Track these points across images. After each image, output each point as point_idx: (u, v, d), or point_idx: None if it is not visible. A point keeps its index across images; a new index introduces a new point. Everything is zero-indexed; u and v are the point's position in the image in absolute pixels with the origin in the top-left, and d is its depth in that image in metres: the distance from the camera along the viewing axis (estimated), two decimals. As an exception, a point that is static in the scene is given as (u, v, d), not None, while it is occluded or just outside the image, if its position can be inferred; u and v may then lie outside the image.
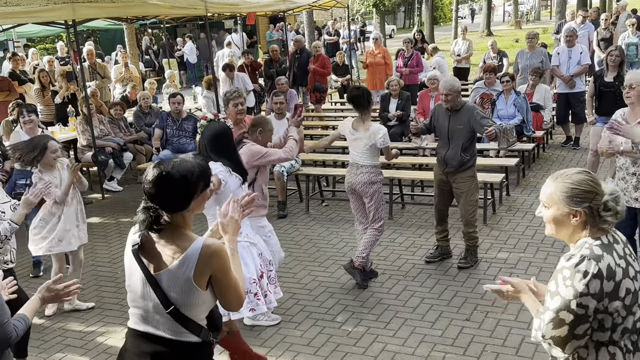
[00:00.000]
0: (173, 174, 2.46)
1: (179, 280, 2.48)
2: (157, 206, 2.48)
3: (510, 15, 44.74)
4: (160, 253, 2.52)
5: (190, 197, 2.51)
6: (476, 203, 5.91)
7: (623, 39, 12.37)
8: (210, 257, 2.47)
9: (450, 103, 5.69)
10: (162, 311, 2.52)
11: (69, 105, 10.46)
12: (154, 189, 2.47)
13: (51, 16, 7.88)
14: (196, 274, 2.47)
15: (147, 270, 2.52)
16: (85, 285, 6.22)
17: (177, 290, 2.49)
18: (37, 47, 22.20)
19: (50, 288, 2.95)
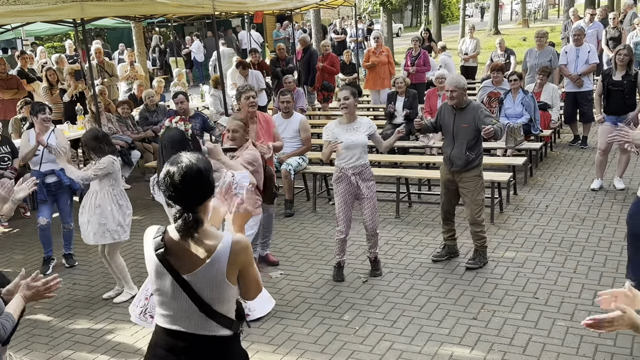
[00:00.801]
0: (197, 167, 2.52)
1: (211, 279, 2.53)
2: (184, 204, 2.50)
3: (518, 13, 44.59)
4: (189, 254, 2.55)
5: (209, 192, 2.58)
6: (482, 202, 5.90)
7: (631, 38, 12.32)
8: (240, 253, 2.55)
9: (455, 100, 5.69)
10: (195, 311, 2.56)
11: (78, 103, 10.49)
12: (182, 185, 2.49)
13: (60, 15, 7.89)
14: (228, 270, 2.54)
15: (177, 273, 2.55)
16: (94, 283, 6.26)
17: (210, 289, 2.54)
18: (45, 46, 22.30)
19: (29, 285, 2.92)
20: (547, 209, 7.34)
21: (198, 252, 2.53)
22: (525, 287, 5.44)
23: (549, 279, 5.57)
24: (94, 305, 5.75)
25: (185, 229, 2.51)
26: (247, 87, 6.14)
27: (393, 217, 7.45)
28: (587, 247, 6.17)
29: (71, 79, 10.90)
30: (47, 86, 10.77)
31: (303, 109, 10.80)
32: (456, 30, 32.54)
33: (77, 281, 6.32)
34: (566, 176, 8.55)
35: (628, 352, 4.35)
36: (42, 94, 10.89)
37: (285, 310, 5.34)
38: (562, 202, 7.52)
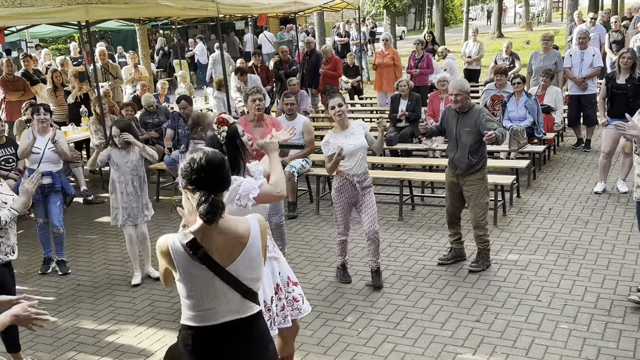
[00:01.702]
0: (215, 155, 2.63)
1: (252, 260, 2.67)
2: (209, 187, 2.55)
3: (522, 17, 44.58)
4: (223, 246, 2.61)
5: (230, 177, 2.70)
6: (486, 206, 5.90)
7: (635, 42, 12.32)
8: (265, 228, 2.76)
9: (459, 104, 5.70)
10: (237, 298, 2.66)
11: (82, 105, 10.53)
12: (208, 168, 2.57)
13: (64, 17, 7.94)
14: (262, 248, 2.72)
15: (221, 269, 2.61)
16: (98, 284, 6.28)
17: (252, 270, 2.68)
18: (49, 48, 22.36)
19: (25, 308, 2.82)
20: (550, 211, 7.35)
21: (232, 240, 2.63)
22: (528, 289, 5.45)
23: (552, 281, 5.57)
24: (98, 306, 5.77)
25: (211, 212, 2.53)
26: (255, 89, 6.04)
27: (396, 220, 7.46)
28: (590, 250, 6.17)
29: (75, 81, 10.94)
30: (52, 88, 10.81)
31: (307, 112, 10.81)
32: (460, 34, 32.57)
33: (81, 282, 6.35)
34: (569, 179, 8.55)
35: (631, 355, 4.35)
36: (46, 96, 10.93)
37: (288, 312, 5.35)
38: (566, 205, 7.53)
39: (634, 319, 4.83)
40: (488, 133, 5.44)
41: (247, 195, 3.49)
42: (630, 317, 4.86)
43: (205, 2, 8.93)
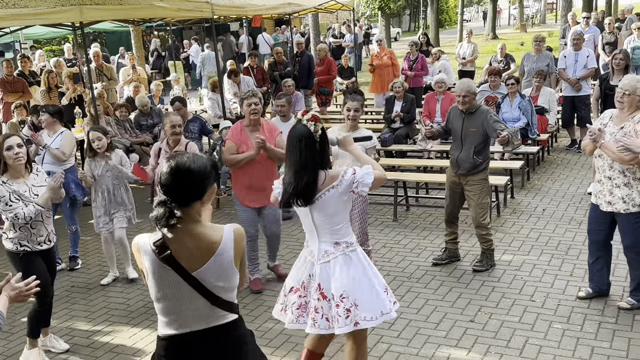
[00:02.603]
0: (189, 166, 2.59)
1: (222, 268, 2.62)
2: (172, 199, 2.56)
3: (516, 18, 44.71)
4: (193, 251, 2.59)
5: (204, 188, 2.63)
6: (487, 206, 5.93)
7: (629, 43, 12.37)
8: (240, 240, 2.69)
9: (467, 105, 5.72)
10: (206, 305, 2.63)
11: (76, 106, 10.51)
12: (171, 180, 2.57)
13: (58, 18, 7.91)
14: (234, 257, 2.67)
15: (186, 272, 2.58)
16: (92, 286, 6.27)
17: (220, 279, 2.64)
18: (43, 49, 22.30)
19: (13, 286, 2.99)
20: (544, 212, 7.37)
21: (203, 246, 2.61)
22: (522, 290, 5.47)
23: (546, 281, 5.59)
24: (93, 307, 5.76)
25: (157, 218, 2.55)
26: (250, 92, 5.81)
27: (391, 221, 7.48)
28: (583, 251, 6.19)
29: (70, 82, 10.92)
30: (45, 89, 10.79)
31: (301, 113, 10.82)
32: (454, 35, 32.64)
33: (76, 284, 6.34)
34: (563, 180, 8.58)
35: (624, 355, 4.38)
36: (40, 98, 10.90)
37: (283, 313, 5.35)
38: (559, 206, 7.55)
39: (627, 318, 4.85)
40: (502, 134, 5.46)
41: (363, 182, 3.54)
42: (623, 317, 4.88)
43: (199, 4, 8.93)
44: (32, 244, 4.68)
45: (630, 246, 4.88)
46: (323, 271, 3.65)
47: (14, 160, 4.56)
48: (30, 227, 4.64)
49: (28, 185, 4.67)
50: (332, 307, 3.62)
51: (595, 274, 5.17)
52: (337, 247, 3.66)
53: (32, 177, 4.75)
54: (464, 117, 5.78)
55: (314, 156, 3.58)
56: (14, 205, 4.54)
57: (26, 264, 4.63)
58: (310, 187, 3.54)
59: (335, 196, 3.56)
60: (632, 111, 4.77)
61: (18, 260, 4.67)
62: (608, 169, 4.82)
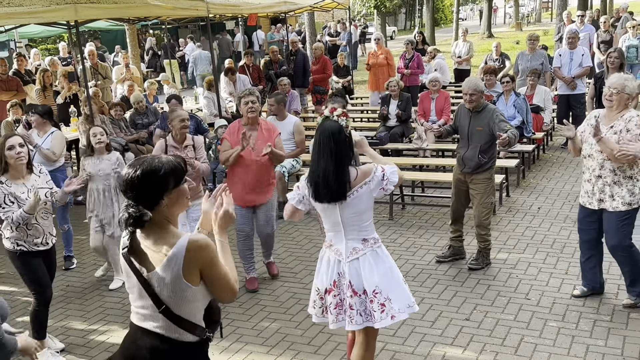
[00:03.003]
0: (142, 171, 2.53)
1: (169, 280, 2.51)
2: (134, 201, 2.53)
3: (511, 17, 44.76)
4: (148, 254, 2.56)
5: (160, 193, 2.55)
6: (491, 205, 5.93)
7: (624, 41, 12.39)
8: (197, 251, 2.51)
9: (474, 103, 5.72)
10: (155, 309, 2.57)
11: (71, 105, 10.49)
12: (125, 186, 2.55)
13: (53, 17, 7.89)
14: (185, 270, 2.50)
15: (139, 272, 2.57)
16: (86, 284, 6.26)
17: (168, 290, 2.53)
18: (38, 48, 22.24)
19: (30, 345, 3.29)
20: (539, 210, 7.39)
21: (156, 251, 2.55)
22: (518, 288, 5.48)
23: (541, 280, 5.60)
24: (88, 307, 5.75)
25: (125, 222, 2.53)
26: (248, 91, 5.83)
27: (386, 219, 7.48)
28: (578, 249, 6.19)
29: (65, 81, 10.89)
30: (40, 88, 10.76)
31: (297, 112, 10.82)
32: (450, 34, 32.65)
33: (71, 283, 6.33)
34: (558, 178, 8.60)
35: (619, 353, 4.39)
36: (35, 96, 10.87)
37: (279, 311, 5.36)
38: (554, 204, 7.57)
39: (621, 316, 4.86)
40: (502, 136, 5.45)
41: (390, 179, 3.62)
42: (618, 315, 4.89)
43: (195, 2, 8.91)
44: (29, 245, 4.66)
45: (616, 245, 4.88)
46: (352, 268, 3.69)
47: (16, 160, 4.55)
48: (26, 228, 4.62)
49: (27, 186, 4.64)
50: (366, 302, 3.69)
51: (587, 272, 5.19)
52: (366, 243, 3.71)
53: (33, 177, 4.73)
54: (471, 116, 5.78)
55: (347, 152, 3.61)
56: (7, 208, 4.53)
57: (23, 264, 4.65)
58: (345, 184, 3.56)
59: (367, 192, 3.61)
60: (620, 109, 4.76)
61: (15, 259, 4.68)
62: (598, 168, 4.82)
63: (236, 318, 5.30)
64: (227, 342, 4.90)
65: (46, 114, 6.80)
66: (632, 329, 4.69)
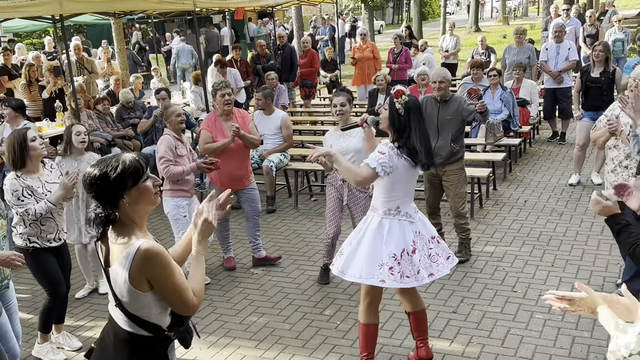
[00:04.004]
0: (99, 172, 2.51)
1: (119, 281, 2.50)
2: (98, 201, 2.53)
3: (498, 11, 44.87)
4: (112, 249, 2.56)
5: (119, 192, 2.51)
6: (465, 195, 5.97)
7: (610, 35, 12.47)
8: (143, 261, 2.45)
9: (442, 91, 5.78)
10: (113, 303, 2.59)
11: (57, 100, 10.41)
12: (88, 187, 2.54)
13: (38, 10, 7.83)
14: (131, 277, 2.46)
15: (102, 263, 2.61)
16: (74, 280, 6.21)
17: (119, 289, 2.52)
18: (24, 42, 22.04)
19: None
20: (526, 203, 7.43)
21: (115, 249, 2.53)
22: (504, 280, 5.51)
23: (527, 272, 5.64)
24: (75, 302, 5.72)
25: (92, 222, 2.54)
26: (223, 84, 5.98)
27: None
28: (564, 241, 6.26)
29: (50, 76, 10.81)
30: (26, 83, 10.67)
31: (285, 106, 10.80)
32: (437, 28, 32.68)
33: (57, 279, 6.29)
34: (545, 171, 8.65)
35: (604, 344, 4.43)
36: (21, 91, 10.79)
37: (267, 306, 5.36)
38: (541, 197, 7.62)
39: (607, 308, 4.90)
40: (479, 102, 5.62)
41: None
42: (603, 306, 4.93)
43: (181, -4, 8.89)
44: (42, 241, 4.59)
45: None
46: (421, 223, 4.09)
47: (40, 151, 4.53)
48: (40, 223, 4.55)
49: (42, 181, 4.60)
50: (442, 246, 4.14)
51: None
52: None
53: (46, 172, 4.68)
54: (439, 106, 5.83)
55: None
56: (26, 201, 4.47)
57: (36, 261, 4.60)
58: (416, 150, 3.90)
59: None
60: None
61: (28, 256, 4.52)
62: (624, 158, 4.85)
63: (224, 312, 5.30)
64: (214, 337, 4.90)
65: (19, 108, 6.70)
66: (617, 320, 4.73)
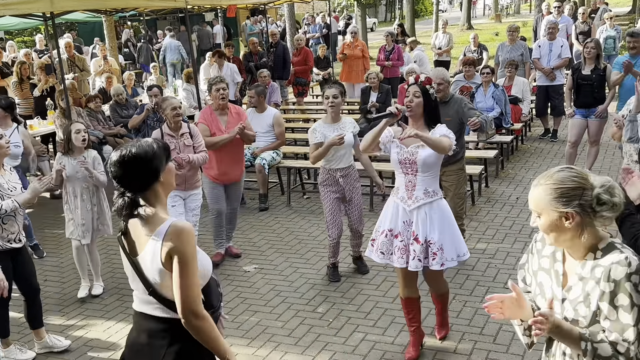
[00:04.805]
0: (135, 152, 2.54)
1: (151, 262, 2.54)
2: (128, 188, 2.54)
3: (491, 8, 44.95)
4: (138, 235, 2.59)
5: (157, 169, 2.58)
6: (464, 196, 5.95)
7: (601, 32, 12.50)
8: (174, 236, 2.48)
9: (441, 93, 5.71)
10: (145, 292, 2.60)
11: (48, 98, 10.36)
12: (119, 171, 2.55)
13: (29, 8, 7.78)
14: (163, 253, 2.49)
15: (129, 255, 2.61)
16: (66, 279, 6.20)
17: (152, 272, 2.55)
18: (15, 40, 21.92)
19: None
20: (518, 201, 7.45)
21: (144, 233, 2.57)
22: (496, 277, 5.52)
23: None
24: (66, 301, 5.71)
25: (119, 210, 2.55)
26: (218, 78, 6.08)
27: (367, 210, 7.49)
28: (556, 238, 6.27)
29: (42, 74, 10.75)
30: (17, 81, 10.61)
31: (277, 104, 10.78)
32: (430, 25, 32.71)
33: (48, 277, 6.26)
34: (536, 169, 8.68)
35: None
36: (12, 89, 10.73)
37: (259, 304, 5.35)
38: (533, 194, 7.63)
39: (598, 304, 4.92)
40: (472, 120, 5.46)
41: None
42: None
43: (173, -7, 8.85)
44: (2, 241, 4.47)
45: None
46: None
47: (4, 150, 4.50)
48: (2, 222, 4.45)
49: (5, 179, 4.55)
50: None
51: None
52: None
53: (7, 173, 4.62)
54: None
55: None
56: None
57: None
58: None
59: None
60: None
61: None
62: (635, 153, 4.87)
63: (216, 311, 5.29)
64: (207, 335, 4.89)
65: (8, 108, 6.66)
66: (608, 316, 4.75)
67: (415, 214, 4.16)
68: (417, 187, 4.19)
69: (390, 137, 4.23)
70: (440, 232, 4.14)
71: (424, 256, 4.17)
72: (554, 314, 2.19)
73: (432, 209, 4.15)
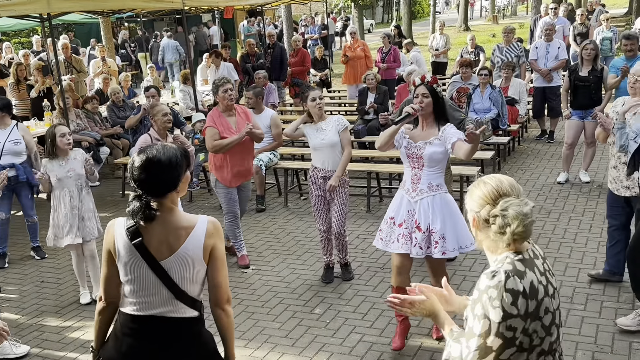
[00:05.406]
0: (160, 158, 2.54)
1: (189, 258, 2.58)
2: (146, 192, 2.54)
3: (487, 10, 45.02)
4: (164, 240, 2.58)
5: (178, 178, 2.61)
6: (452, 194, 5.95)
7: (597, 34, 12.53)
8: (214, 231, 2.64)
9: None
10: (168, 295, 2.60)
11: (45, 99, 10.35)
12: (143, 174, 2.53)
13: (26, 9, 7.78)
14: (204, 248, 2.61)
15: (154, 261, 2.58)
16: (62, 280, 6.19)
17: (186, 269, 2.59)
18: (12, 41, 21.90)
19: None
20: (515, 202, 7.44)
21: (174, 234, 2.58)
22: (493, 278, 5.52)
23: (516, 270, 5.65)
24: (63, 302, 5.69)
25: (134, 213, 2.54)
26: (224, 79, 6.05)
27: (364, 212, 7.50)
28: (553, 239, 6.29)
29: (39, 75, 10.74)
30: (14, 82, 10.60)
31: (274, 105, 10.79)
32: (427, 27, 32.76)
33: (45, 279, 6.25)
34: (533, 170, 8.69)
35: (592, 341, 4.46)
36: (9, 90, 10.71)
37: (256, 305, 5.35)
38: (529, 195, 7.64)
39: (595, 305, 4.94)
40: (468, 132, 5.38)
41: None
42: (591, 304, 4.97)
43: (170, -5, 8.85)
44: None
45: None
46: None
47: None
48: None
49: None
50: None
51: (611, 257, 5.26)
52: None
53: None
54: None
55: None
56: None
57: None
58: None
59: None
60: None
61: None
62: (624, 155, 4.89)
63: (213, 312, 5.28)
64: (204, 336, 4.88)
65: (5, 108, 6.66)
66: (605, 317, 4.76)
67: (419, 204, 4.37)
68: (422, 180, 4.36)
69: (402, 134, 4.42)
70: (443, 222, 4.31)
71: (426, 245, 4.33)
72: (433, 301, 2.44)
73: (435, 201, 4.35)
